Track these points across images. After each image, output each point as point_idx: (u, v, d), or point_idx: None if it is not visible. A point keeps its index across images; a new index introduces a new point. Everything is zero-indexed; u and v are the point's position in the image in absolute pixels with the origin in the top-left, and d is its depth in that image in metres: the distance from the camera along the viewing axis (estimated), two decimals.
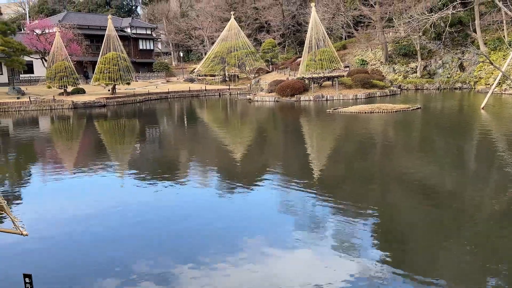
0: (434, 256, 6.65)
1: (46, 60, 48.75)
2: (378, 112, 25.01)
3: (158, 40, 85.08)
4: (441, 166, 12.30)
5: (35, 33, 51.33)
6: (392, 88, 41.34)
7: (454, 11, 38.67)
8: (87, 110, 34.21)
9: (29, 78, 52.87)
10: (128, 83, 42.69)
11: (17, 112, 33.63)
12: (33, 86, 48.65)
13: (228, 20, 57.80)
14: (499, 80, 28.85)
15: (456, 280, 5.97)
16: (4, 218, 8.03)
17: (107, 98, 38.27)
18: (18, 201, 10.19)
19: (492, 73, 38.67)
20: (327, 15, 54.67)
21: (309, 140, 18.22)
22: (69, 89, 40.70)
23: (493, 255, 6.58)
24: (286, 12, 68.05)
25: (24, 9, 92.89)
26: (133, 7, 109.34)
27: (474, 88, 40.94)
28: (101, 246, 7.41)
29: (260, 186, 10.90)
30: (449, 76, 45.08)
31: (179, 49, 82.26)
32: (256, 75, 55.67)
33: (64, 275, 6.42)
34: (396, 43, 49.63)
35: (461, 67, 44.98)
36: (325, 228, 7.83)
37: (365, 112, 25.11)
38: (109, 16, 45.60)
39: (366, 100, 34.16)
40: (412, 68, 47.58)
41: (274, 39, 62.94)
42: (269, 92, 38.93)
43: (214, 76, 57.56)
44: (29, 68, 51.74)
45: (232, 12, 57.00)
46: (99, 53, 44.71)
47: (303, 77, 39.09)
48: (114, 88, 41.86)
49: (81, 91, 41.50)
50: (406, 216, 8.51)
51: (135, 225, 8.34)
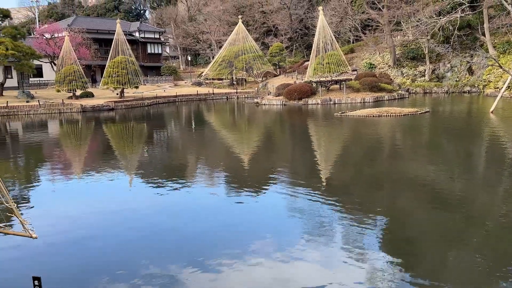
0: (443, 260, 6.60)
1: (55, 64, 49.15)
2: (386, 116, 24.93)
3: (166, 44, 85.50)
4: (450, 171, 12.23)
5: (44, 37, 51.79)
6: (400, 91, 41.20)
7: (462, 15, 38.60)
8: (95, 113, 34.42)
9: (38, 82, 53.32)
10: (136, 87, 42.91)
11: (26, 115, 33.90)
12: (42, 89, 49.04)
13: (235, 24, 57.97)
14: (509, 83, 28.65)
15: (465, 285, 5.92)
16: (14, 221, 8.09)
17: (115, 101, 38.47)
18: (28, 204, 10.25)
19: (501, 77, 38.43)
20: (335, 18, 54.67)
21: (317, 144, 18.19)
22: (78, 92, 40.98)
23: (502, 260, 6.52)
24: (294, 16, 68.14)
25: (34, 14, 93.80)
26: (142, 12, 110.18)
27: (483, 92, 40.70)
28: (110, 248, 7.44)
29: (268, 189, 10.89)
30: (457, 79, 44.85)
31: (187, 53, 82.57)
32: (263, 78, 55.72)
33: (73, 278, 6.45)
34: (404, 46, 49.50)
35: (470, 71, 44.74)
36: (334, 232, 7.81)
37: (373, 116, 25.03)
38: (118, 20, 45.92)
39: (374, 103, 34.05)
40: (421, 72, 47.41)
41: (282, 42, 63.03)
42: (277, 96, 38.94)
43: (221, 79, 57.72)
44: (39, 72, 52.20)
45: (239, 16, 57.17)
46: (107, 57, 45.02)
47: (310, 80, 39.07)
48: (122, 92, 42.10)
49: (90, 95, 41.76)
50: (414, 221, 8.45)
51: (143, 228, 8.37)
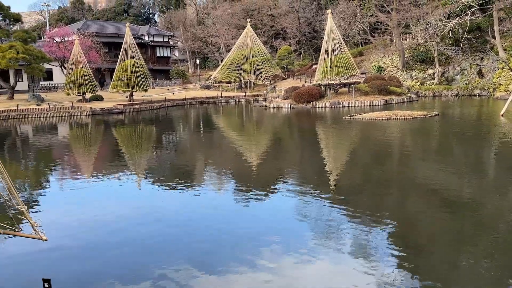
0: (452, 264, 6.54)
1: (65, 68, 49.59)
2: (395, 119, 24.82)
3: (175, 47, 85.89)
4: (460, 174, 12.14)
5: (54, 41, 52.29)
6: (409, 94, 41.00)
7: (472, 17, 38.36)
8: (105, 116, 34.62)
9: (48, 85, 53.78)
10: (145, 90, 43.14)
11: (36, 118, 34.20)
12: (52, 93, 49.46)
13: (244, 27, 58.13)
14: None
15: None
16: (24, 223, 8.14)
17: (124, 104, 38.69)
18: (38, 206, 10.32)
19: None
20: (344, 21, 54.60)
21: (326, 147, 18.14)
22: (88, 96, 41.29)
23: None
24: (302, 19, 68.17)
25: (44, 18, 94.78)
26: (151, 15, 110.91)
27: (493, 95, 40.36)
28: (120, 251, 7.46)
29: (276, 193, 10.88)
30: (467, 82, 44.54)
31: (196, 56, 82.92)
32: (272, 82, 55.77)
33: (83, 280, 6.47)
34: (414, 49, 49.27)
35: (480, 74, 44.42)
36: (342, 235, 7.77)
37: (382, 119, 24.93)
38: (127, 24, 46.24)
39: (383, 106, 33.93)
40: (430, 75, 47.16)
41: (290, 46, 63.09)
42: (285, 99, 38.92)
43: (230, 83, 57.85)
44: (49, 75, 52.65)
45: (248, 20, 57.30)
46: (117, 61, 45.34)
47: (319, 83, 39.02)
48: (131, 95, 42.34)
49: (99, 98, 42.06)
50: (424, 225, 8.39)
51: (153, 230, 8.39)
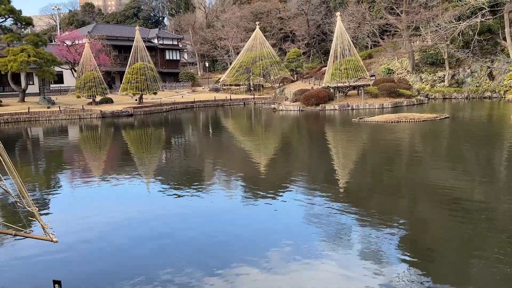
0: (463, 268, 6.48)
1: (75, 71, 49.96)
2: (405, 121, 24.69)
3: (184, 50, 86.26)
4: (471, 177, 12.03)
5: (65, 44, 52.73)
6: (419, 97, 40.76)
7: (483, 19, 38.10)
8: (114, 119, 34.82)
9: (59, 88, 54.21)
10: (155, 93, 43.33)
11: (47, 121, 34.47)
12: (63, 95, 49.86)
13: (253, 30, 58.20)
14: None
15: None
16: (35, 224, 8.20)
17: (134, 107, 38.88)
18: (48, 208, 10.39)
19: None
20: (353, 24, 54.47)
21: (335, 150, 18.08)
22: (98, 98, 41.54)
23: None
24: (311, 22, 68.13)
25: (55, 21, 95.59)
26: (160, 18, 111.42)
27: (504, 97, 39.99)
28: (129, 253, 7.49)
29: (286, 196, 10.85)
30: (478, 85, 44.20)
31: (205, 59, 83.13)
32: (280, 84, 55.73)
33: (93, 282, 6.50)
34: (423, 51, 49.01)
35: (491, 76, 44.05)
36: (352, 239, 7.73)
37: (392, 122, 24.81)
38: (137, 27, 46.57)
39: (393, 109, 33.76)
40: (440, 77, 46.87)
41: (299, 48, 63.02)
42: (294, 101, 38.89)
43: (239, 85, 57.92)
44: (59, 78, 53.09)
45: (257, 23, 57.39)
46: (126, 64, 45.62)
47: (328, 86, 38.94)
48: (141, 98, 42.55)
49: (109, 101, 42.30)
50: (434, 228, 8.33)
51: (162, 233, 8.41)
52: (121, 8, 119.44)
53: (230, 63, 65.36)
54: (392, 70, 50.18)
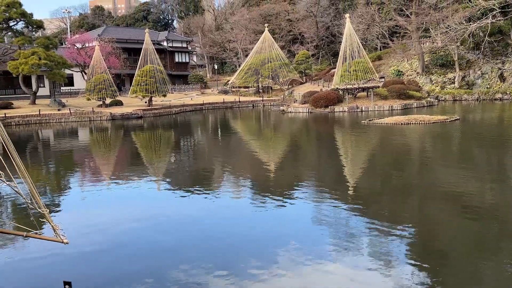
0: (474, 271, 6.42)
1: (85, 73, 50.35)
2: (414, 123, 24.54)
3: (193, 53, 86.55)
4: (482, 180, 11.93)
5: (75, 47, 53.16)
6: (429, 99, 40.52)
7: (493, 20, 37.78)
8: (124, 121, 35.01)
9: (69, 90, 54.66)
10: (164, 95, 43.51)
11: (58, 123, 34.76)
12: (73, 98, 50.25)
13: (262, 32, 58.25)
14: None
15: None
16: (46, 226, 8.27)
17: (143, 109, 39.08)
18: (59, 210, 10.47)
19: None
20: (362, 26, 54.30)
21: (344, 152, 18.02)
22: (108, 101, 41.80)
23: None
24: (320, 24, 68.04)
25: (65, 24, 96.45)
26: (170, 21, 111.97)
27: None
28: (139, 254, 7.51)
29: (295, 198, 10.83)
30: (488, 86, 43.84)
31: (214, 61, 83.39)
32: (289, 86, 55.70)
33: (103, 283, 6.54)
34: (433, 53, 48.73)
35: (502, 78, 43.67)
36: (361, 242, 7.70)
37: (401, 124, 24.68)
38: (146, 30, 46.77)
39: (402, 111, 33.59)
40: (450, 79, 46.55)
41: (308, 50, 62.97)
42: (303, 103, 38.84)
43: (247, 87, 57.98)
44: (70, 81, 53.54)
45: (266, 25, 57.42)
46: (136, 66, 45.84)
47: (337, 88, 38.83)
48: (150, 100, 42.73)
49: (119, 103, 42.55)
50: (445, 231, 8.26)
51: (171, 234, 8.44)
52: (131, 11, 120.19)
53: (239, 65, 65.45)
54: (401, 71, 49.95)
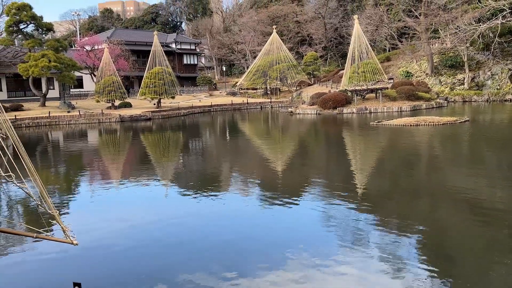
0: (484, 274, 6.36)
1: (95, 75, 50.66)
2: (424, 125, 24.40)
3: (202, 54, 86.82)
4: (492, 182, 11.82)
5: (85, 49, 53.54)
6: (438, 100, 40.27)
7: (503, 21, 37.49)
8: (133, 123, 35.18)
9: (79, 92, 55.04)
10: (173, 97, 43.68)
11: (67, 125, 35.01)
12: (82, 100, 50.62)
13: (270, 34, 58.30)
14: None
15: None
16: (55, 227, 8.32)
17: (152, 111, 39.26)
18: (69, 211, 10.53)
19: None
20: (370, 27, 54.16)
21: (353, 154, 17.96)
22: (117, 103, 42.04)
23: None
24: (328, 25, 67.96)
25: (75, 27, 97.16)
26: (178, 23, 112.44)
27: None
28: (149, 255, 7.53)
29: (303, 199, 10.81)
30: (498, 87, 43.49)
31: (222, 63, 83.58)
32: (297, 88, 55.67)
33: (113, 284, 6.56)
34: (442, 54, 48.44)
35: None
36: (370, 244, 7.65)
37: (411, 125, 24.55)
38: (155, 32, 46.99)
39: (411, 112, 33.43)
40: (459, 80, 46.24)
41: (316, 52, 62.93)
42: (311, 105, 38.78)
43: (255, 89, 58.03)
44: (79, 83, 53.91)
45: (274, 26, 57.46)
46: (145, 68, 46.08)
47: (345, 89, 38.73)
48: (159, 102, 42.92)
49: (128, 105, 42.78)
50: (455, 233, 8.20)
51: (180, 236, 8.45)
52: (140, 14, 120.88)
53: (247, 67, 65.53)
54: (410, 73, 49.71)
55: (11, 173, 4.83)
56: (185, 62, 71.09)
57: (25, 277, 6.94)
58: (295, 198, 10.92)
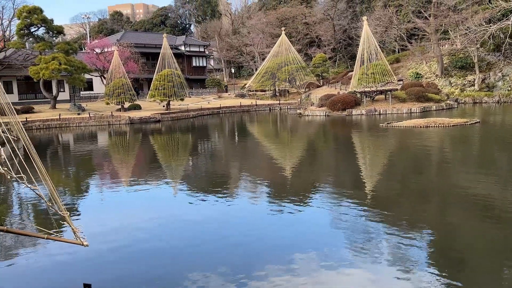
0: (494, 277, 6.30)
1: (105, 78, 51.00)
2: (434, 126, 24.24)
3: (211, 57, 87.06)
4: (503, 184, 11.71)
5: (95, 52, 53.93)
6: (448, 101, 40.00)
7: None
8: (142, 125, 35.34)
9: (89, 95, 55.43)
10: (182, 99, 43.82)
11: (77, 127, 35.26)
12: (92, 102, 50.94)
13: (279, 36, 58.29)
14: None
15: None
16: (66, 228, 8.38)
17: (161, 113, 39.41)
18: (79, 213, 10.59)
19: None
20: (380, 28, 53.95)
21: (362, 156, 17.89)
22: (126, 105, 42.26)
23: None
24: (337, 27, 67.80)
25: (85, 30, 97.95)
26: (187, 26, 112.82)
27: None
28: (158, 257, 7.56)
29: (312, 202, 10.79)
30: (509, 89, 43.08)
31: (231, 65, 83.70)
32: (306, 89, 55.58)
33: (123, 286, 6.59)
34: (452, 55, 48.12)
35: None
36: (380, 245, 7.62)
37: (420, 127, 24.41)
38: (164, 35, 47.25)
39: (421, 114, 33.23)
40: (470, 81, 45.89)
41: (325, 53, 62.79)
42: (320, 107, 38.69)
43: (264, 91, 58.03)
44: (89, 86, 54.31)
45: (282, 28, 57.46)
46: (154, 70, 46.31)
47: (354, 91, 38.60)
48: (168, 104, 43.08)
49: (137, 107, 42.98)
50: (465, 235, 8.13)
51: (190, 238, 8.47)
52: (149, 16, 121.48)
53: (256, 69, 65.55)
54: (420, 74, 49.43)
55: (22, 175, 4.88)
56: (194, 64, 71.34)
57: (35, 278, 7.00)
58: (304, 200, 10.90)
